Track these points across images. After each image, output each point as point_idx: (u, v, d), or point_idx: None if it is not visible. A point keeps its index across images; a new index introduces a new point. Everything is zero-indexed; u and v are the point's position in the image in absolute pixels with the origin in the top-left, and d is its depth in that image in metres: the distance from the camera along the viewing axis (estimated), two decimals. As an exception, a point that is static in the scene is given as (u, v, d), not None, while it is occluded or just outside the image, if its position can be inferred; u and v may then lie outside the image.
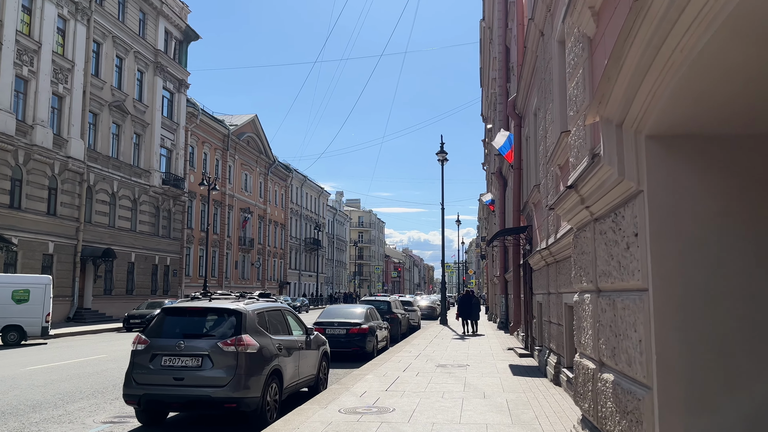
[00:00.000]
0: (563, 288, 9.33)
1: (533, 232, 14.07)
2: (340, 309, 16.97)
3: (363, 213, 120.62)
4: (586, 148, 4.49)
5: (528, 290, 14.82)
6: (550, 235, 10.62)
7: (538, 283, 12.60)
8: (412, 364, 12.98)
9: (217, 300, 8.46)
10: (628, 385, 3.56)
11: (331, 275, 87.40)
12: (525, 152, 16.08)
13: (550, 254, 10.15)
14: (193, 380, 7.23)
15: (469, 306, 24.46)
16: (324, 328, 15.42)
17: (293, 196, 69.92)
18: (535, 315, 13.57)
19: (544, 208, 11.25)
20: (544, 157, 11.29)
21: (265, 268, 59.76)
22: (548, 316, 11.03)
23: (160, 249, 39.79)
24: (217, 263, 49.65)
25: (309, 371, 9.61)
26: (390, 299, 22.21)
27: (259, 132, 57.86)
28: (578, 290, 5.17)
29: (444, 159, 30.23)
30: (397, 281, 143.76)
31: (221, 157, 50.49)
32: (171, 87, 41.71)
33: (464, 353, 15.31)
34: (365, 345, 15.29)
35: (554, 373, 10.02)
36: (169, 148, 41.52)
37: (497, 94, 26.46)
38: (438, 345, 17.69)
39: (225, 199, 50.65)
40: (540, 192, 11.93)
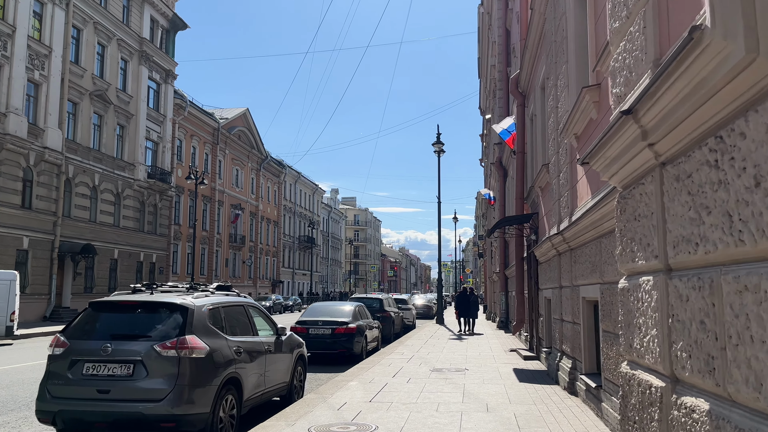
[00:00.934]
0: (580, 279, 7.85)
1: (539, 220, 12.60)
2: (326, 307, 15.48)
3: (359, 211, 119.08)
4: (647, 59, 3.00)
5: (533, 285, 13.35)
6: (562, 219, 9.14)
7: (546, 276, 11.12)
8: (404, 368, 11.49)
9: (162, 293, 6.95)
10: (749, 422, 2.06)
11: (325, 274, 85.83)
12: (529, 134, 14.61)
13: (563, 241, 8.67)
14: (121, 393, 5.73)
15: (467, 303, 23.13)
16: (307, 327, 13.94)
17: (287, 192, 68.36)
18: (542, 313, 12.09)
19: (554, 190, 9.79)
20: (554, 131, 9.81)
21: (257, 266, 58.20)
22: (559, 313, 9.55)
23: (145, 245, 38.22)
24: (206, 261, 48.09)
25: (280, 378, 8.11)
26: (382, 296, 20.73)
27: (250, 126, 56.29)
28: (626, 272, 3.68)
29: (440, 150, 28.75)
30: (393, 280, 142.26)
31: (211, 151, 48.92)
32: (157, 77, 40.13)
33: (462, 355, 13.83)
34: (352, 346, 13.80)
35: (569, 380, 8.53)
36: (155, 141, 39.94)
37: (497, 80, 25.02)
38: (433, 346, 16.21)
39: (214, 194, 49.08)
40: (549, 172, 10.45)
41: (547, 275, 11.10)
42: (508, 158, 21.96)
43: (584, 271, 7.57)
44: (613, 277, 5.98)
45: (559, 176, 9.55)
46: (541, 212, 12.31)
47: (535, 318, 13.02)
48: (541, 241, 11.47)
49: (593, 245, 6.97)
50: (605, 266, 6.29)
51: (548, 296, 11.15)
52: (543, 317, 11.87)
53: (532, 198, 13.60)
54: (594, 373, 7.62)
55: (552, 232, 9.75)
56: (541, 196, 12.14)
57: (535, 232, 12.91)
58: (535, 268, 12.94)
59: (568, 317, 8.87)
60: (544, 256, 11.12)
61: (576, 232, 7.77)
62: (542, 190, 11.98)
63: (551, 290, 10.47)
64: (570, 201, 8.67)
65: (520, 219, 13.50)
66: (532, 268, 13.56)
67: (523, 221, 13.64)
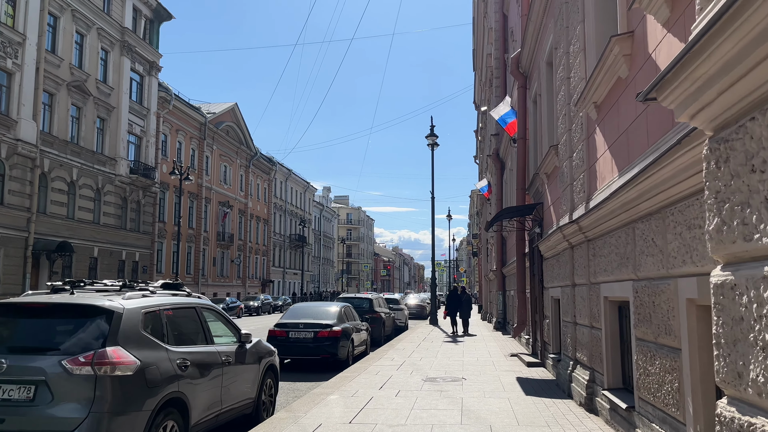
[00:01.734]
0: (602, 275, 6.56)
1: (544, 211, 11.32)
2: (309, 308, 14.15)
3: (352, 210, 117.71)
4: None
5: (537, 284, 12.06)
6: (576, 206, 7.85)
7: (554, 273, 9.83)
8: (393, 377, 10.17)
9: (87, 292, 5.61)
10: None
11: (317, 273, 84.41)
12: (532, 117, 13.32)
13: (579, 231, 7.37)
14: (18, 423, 4.40)
15: (457, 303, 21.91)
16: (287, 330, 12.60)
17: (277, 190, 66.91)
18: (548, 314, 10.81)
19: (565, 174, 8.49)
20: (566, 105, 8.52)
21: (246, 265, 56.74)
22: (572, 315, 8.26)
23: (127, 243, 36.74)
24: (193, 259, 46.62)
25: (244, 394, 6.78)
26: (372, 296, 19.39)
27: (239, 121, 54.83)
28: (728, 259, 2.35)
29: (434, 143, 27.45)
30: (386, 280, 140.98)
31: (197, 146, 47.45)
32: (140, 69, 38.64)
33: (458, 361, 12.53)
34: (337, 351, 12.47)
35: (586, 395, 7.23)
36: (138, 135, 38.45)
37: (494, 68, 23.76)
38: (427, 350, 14.91)
39: (201, 191, 47.62)
40: (559, 155, 9.16)
41: (554, 272, 9.81)
42: (506, 149, 20.69)
43: (608, 266, 6.28)
44: (654, 271, 4.69)
45: (571, 157, 8.26)
46: (546, 202, 11.03)
47: (540, 320, 11.72)
48: (547, 234, 10.19)
49: (622, 233, 5.67)
50: (642, 258, 5.00)
51: (556, 296, 9.87)
52: (549, 319, 10.58)
53: (535, 187, 12.31)
54: (620, 389, 6.33)
55: (563, 221, 8.47)
56: (547, 184, 10.85)
57: (540, 224, 11.63)
58: (540, 264, 11.65)
59: (583, 320, 7.57)
60: (552, 251, 9.83)
61: (596, 219, 6.48)
62: (548, 177, 10.69)
63: (561, 289, 9.18)
64: (587, 184, 7.38)
65: (522, 210, 12.22)
66: (536, 264, 12.27)
67: (525, 213, 12.35)
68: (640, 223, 5.08)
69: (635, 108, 5.30)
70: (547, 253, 10.52)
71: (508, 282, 20.71)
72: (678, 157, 3.95)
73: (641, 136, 5.10)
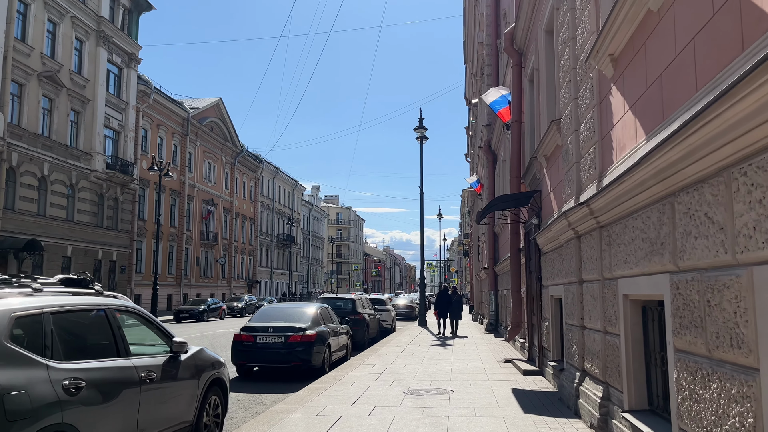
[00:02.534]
0: (621, 268, 5.26)
1: (543, 199, 10.03)
2: (281, 309, 12.77)
3: (341, 209, 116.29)
4: None
5: (534, 282, 10.76)
6: (584, 187, 6.57)
7: (555, 268, 8.53)
8: (371, 388, 8.84)
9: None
10: None
11: (305, 273, 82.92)
12: (528, 98, 12.04)
13: (590, 214, 6.07)
14: None
15: (447, 303, 20.76)
16: (254, 335, 11.24)
17: (264, 188, 65.40)
18: (547, 316, 9.51)
19: (570, 151, 7.22)
20: (570, 70, 7.22)
21: (231, 265, 55.23)
22: (578, 317, 6.96)
23: (104, 242, 35.20)
24: (175, 259, 45.07)
25: (174, 418, 5.43)
26: (355, 297, 18.01)
27: (224, 117, 53.31)
28: None
29: (423, 136, 26.16)
30: (377, 280, 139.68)
31: (180, 142, 45.92)
32: (118, 61, 37.12)
33: (446, 368, 11.21)
34: (311, 358, 11.12)
35: (600, 416, 5.91)
36: (116, 130, 36.94)
37: (485, 55, 22.50)
38: (412, 354, 13.59)
39: (184, 188, 46.08)
40: (562, 130, 7.86)
41: (555, 267, 8.51)
42: (498, 139, 19.42)
43: (629, 256, 4.97)
44: (710, 259, 3.38)
45: (578, 130, 6.97)
46: (545, 188, 9.74)
47: (538, 322, 10.42)
48: (546, 224, 8.89)
49: (653, 212, 4.37)
50: (687, 241, 3.70)
51: (557, 294, 8.57)
52: (549, 322, 9.28)
53: (532, 174, 11.02)
54: (645, 411, 5.03)
55: (567, 206, 7.17)
56: (546, 168, 9.56)
57: (537, 214, 10.33)
58: (537, 260, 10.35)
59: (594, 324, 6.27)
60: (553, 243, 8.53)
61: (614, 198, 5.18)
62: (548, 160, 9.40)
63: (564, 287, 7.88)
64: (598, 159, 6.08)
65: (518, 199, 10.91)
66: (533, 260, 10.97)
67: (520, 203, 11.05)
68: (684, 194, 3.77)
69: (674, 45, 4.00)
70: (546, 246, 9.22)
71: (501, 281, 19.44)
72: (760, 85, 2.64)
73: (684, 79, 3.80)
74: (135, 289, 39.09)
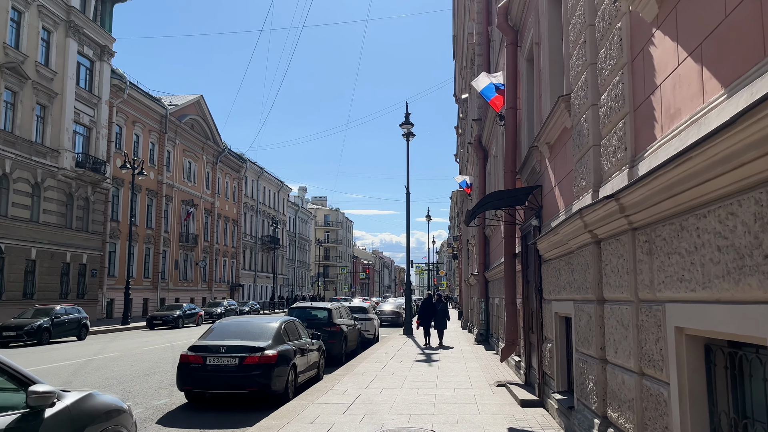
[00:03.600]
0: (672, 289, 3.64)
1: (545, 196, 8.42)
2: (240, 324, 11.07)
3: (329, 211, 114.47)
4: None
5: (534, 293, 9.14)
6: (608, 176, 4.96)
7: (562, 280, 6.92)
8: (335, 427, 7.18)
9: None
10: None
11: (291, 277, 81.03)
12: (526, 81, 10.43)
13: (620, 212, 4.44)
14: None
15: (431, 312, 19.26)
16: (204, 356, 9.53)
17: (248, 189, 63.51)
18: (550, 336, 7.90)
19: (584, 132, 5.64)
20: (586, 28, 5.61)
21: (212, 268, 53.33)
22: (596, 347, 5.34)
23: (73, 244, 33.28)
24: (152, 262, 43.12)
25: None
26: (331, 306, 16.28)
27: (205, 115, 51.44)
28: None
29: (409, 132, 24.53)
30: (366, 283, 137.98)
31: (158, 140, 44.01)
32: (90, 54, 35.24)
33: (430, 394, 9.58)
34: (270, 382, 9.44)
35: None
36: (87, 126, 35.04)
37: (476, 44, 20.92)
38: (392, 374, 11.94)
39: (162, 188, 44.16)
40: (572, 107, 6.25)
41: (562, 279, 6.90)
42: (490, 133, 17.84)
43: (693, 272, 3.36)
44: None
45: (597, 103, 5.36)
46: (547, 183, 8.13)
47: (538, 342, 8.79)
48: (550, 226, 7.29)
49: (747, 206, 2.74)
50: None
51: (564, 312, 6.96)
52: (553, 344, 7.67)
53: (530, 167, 9.41)
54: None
55: (581, 203, 5.56)
56: (550, 159, 7.95)
57: (537, 215, 8.72)
58: (537, 267, 8.73)
59: (623, 360, 4.64)
60: (559, 248, 6.92)
61: (663, 188, 3.55)
62: (552, 148, 7.79)
63: (574, 304, 6.26)
64: (630, 136, 4.48)
65: (513, 197, 9.28)
66: (532, 268, 9.35)
67: (516, 201, 9.43)
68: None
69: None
70: (549, 253, 7.62)
71: (493, 288, 17.83)
72: None
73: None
74: (107, 294, 37.19)
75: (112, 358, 16.39)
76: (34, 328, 21.32)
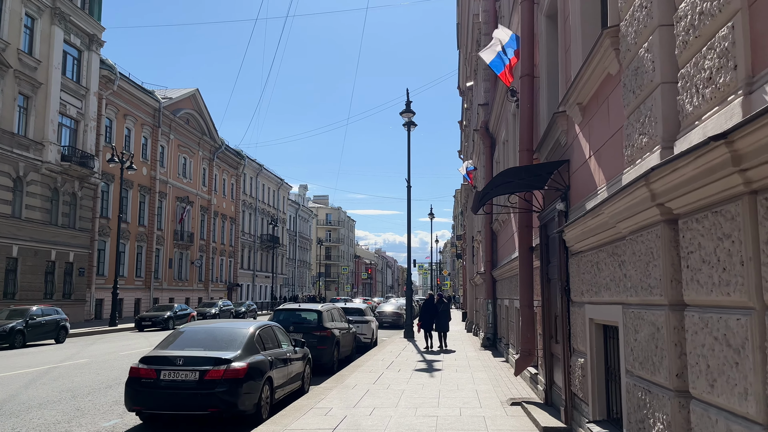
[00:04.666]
0: None
1: (575, 174, 6.76)
2: (209, 331, 9.42)
3: (331, 210, 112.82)
4: None
5: (559, 294, 7.45)
6: (689, 122, 3.28)
7: (604, 276, 5.26)
8: (307, 467, 5.54)
9: None
10: None
11: (291, 276, 79.41)
12: (545, 42, 8.75)
13: (734, 163, 2.76)
14: None
15: (433, 313, 17.85)
16: (157, 369, 7.89)
17: (246, 186, 61.91)
18: (582, 348, 6.23)
19: (643, 71, 3.93)
20: None
21: (209, 267, 51.74)
22: (667, 373, 3.70)
23: (59, 242, 31.72)
24: (144, 261, 41.53)
25: None
26: (322, 308, 14.57)
27: (201, 109, 49.85)
28: None
29: (410, 121, 22.89)
30: (368, 283, 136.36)
31: (151, 134, 42.42)
32: (77, 43, 33.68)
33: (431, 416, 7.93)
34: (237, 401, 7.80)
35: None
36: (74, 118, 33.47)
37: (482, 23, 19.28)
38: (387, 388, 10.31)
39: (155, 184, 42.57)
40: (624, 42, 4.58)
41: (603, 275, 5.25)
42: (498, 118, 16.17)
43: None
44: None
45: (671, 21, 3.69)
46: (579, 155, 6.47)
47: (565, 354, 7.10)
48: (589, 207, 5.64)
49: None
50: None
51: (606, 319, 5.31)
52: (587, 359, 6.01)
53: (552, 141, 7.74)
54: None
55: (642, 168, 3.91)
56: (581, 124, 6.29)
57: (563, 197, 7.05)
58: (563, 262, 7.06)
59: (727, 400, 2.98)
60: (600, 235, 5.27)
61: None
62: (585, 110, 6.13)
63: (623, 309, 4.61)
64: (742, 52, 2.81)
65: (534, 175, 7.59)
66: (556, 263, 7.68)
67: (534, 184, 7.76)
68: None
69: None
70: (581, 243, 5.97)
71: (501, 288, 16.17)
72: None
73: None
74: (96, 294, 35.62)
75: (79, 366, 14.78)
76: (6, 330, 19.78)
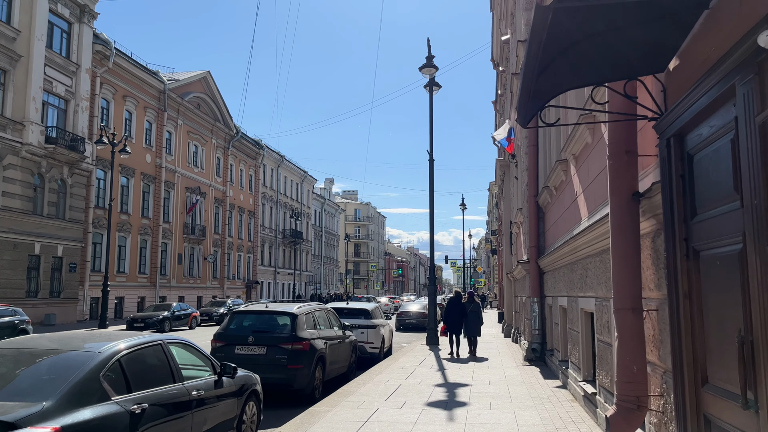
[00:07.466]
0: None
1: None
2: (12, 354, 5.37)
3: (360, 205, 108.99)
4: None
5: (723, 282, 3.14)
6: None
7: None
8: None
9: None
10: None
11: (316, 273, 75.77)
12: None
13: None
14: None
15: (461, 315, 13.88)
16: None
17: (266, 178, 58.37)
18: None
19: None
20: None
21: (224, 263, 48.29)
22: None
23: (44, 234, 28.41)
24: (149, 256, 38.16)
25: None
26: (299, 311, 10.01)
27: (213, 93, 46.36)
28: None
29: (432, 79, 18.68)
30: (400, 281, 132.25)
31: (155, 119, 39.03)
32: (66, 13, 30.36)
33: None
34: None
35: None
36: (62, 97, 30.17)
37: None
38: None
39: (161, 173, 39.17)
40: None
41: None
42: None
43: None
44: None
45: None
46: None
47: None
48: None
49: None
50: None
51: None
52: None
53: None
54: None
55: None
56: None
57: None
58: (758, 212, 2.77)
59: None
60: None
61: None
62: None
63: None
64: None
65: (652, 43, 3.36)
66: (720, 215, 3.39)
67: (648, 61, 3.46)
68: None
69: None
70: None
71: (554, 281, 11.84)
72: None
73: None
74: (90, 292, 32.26)
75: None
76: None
